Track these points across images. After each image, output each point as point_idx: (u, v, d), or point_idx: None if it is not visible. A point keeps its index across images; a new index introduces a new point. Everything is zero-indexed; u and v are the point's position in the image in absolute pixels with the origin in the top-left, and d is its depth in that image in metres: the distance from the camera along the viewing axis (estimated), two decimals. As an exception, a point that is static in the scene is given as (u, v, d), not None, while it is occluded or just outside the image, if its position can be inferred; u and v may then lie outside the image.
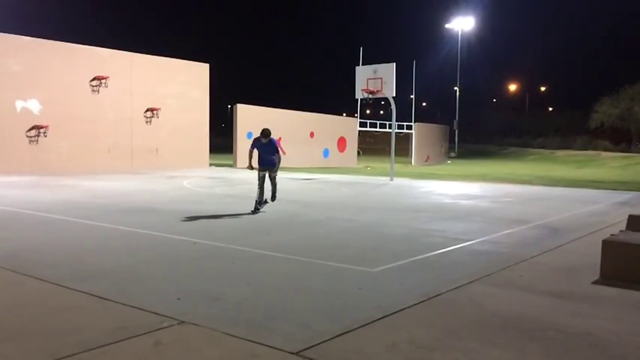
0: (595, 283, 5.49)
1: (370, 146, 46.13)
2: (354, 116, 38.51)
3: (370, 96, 21.76)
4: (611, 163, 40.20)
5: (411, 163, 40.08)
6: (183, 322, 4.03)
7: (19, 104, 22.13)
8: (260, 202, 10.44)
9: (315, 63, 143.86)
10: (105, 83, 24.70)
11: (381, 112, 78.18)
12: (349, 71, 23.49)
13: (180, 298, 4.63)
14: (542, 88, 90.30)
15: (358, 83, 21.95)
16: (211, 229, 8.43)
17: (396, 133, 24.85)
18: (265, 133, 10.60)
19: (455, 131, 58.93)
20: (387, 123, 34.69)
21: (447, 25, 60.64)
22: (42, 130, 22.57)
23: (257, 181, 10.62)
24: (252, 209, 10.31)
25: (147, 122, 26.62)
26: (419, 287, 5.16)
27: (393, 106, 21.75)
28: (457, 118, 60.56)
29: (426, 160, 42.42)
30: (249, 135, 29.47)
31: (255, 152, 10.76)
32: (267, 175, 10.62)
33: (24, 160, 21.83)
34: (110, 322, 3.99)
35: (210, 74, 29.63)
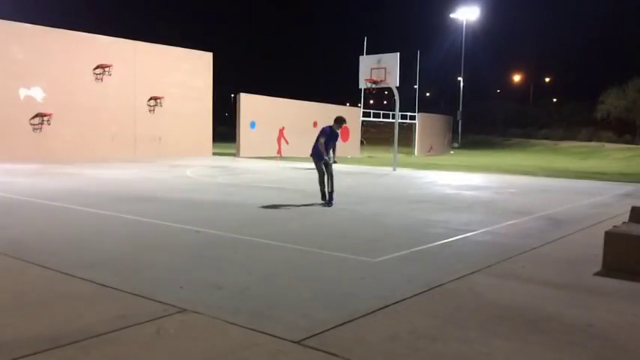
0: (597, 274, 5.48)
1: (373, 136, 46.03)
2: (358, 106, 38.42)
3: (374, 85, 21.68)
4: (614, 155, 40.05)
5: (414, 153, 40.01)
6: (185, 310, 4.04)
7: (23, 92, 22.14)
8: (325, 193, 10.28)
9: (319, 52, 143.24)
10: (108, 71, 24.69)
11: (385, 102, 77.82)
12: (353, 61, 23.39)
13: (182, 287, 4.64)
14: (547, 79, 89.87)
15: (362, 73, 21.87)
16: (214, 218, 8.44)
17: (400, 123, 24.77)
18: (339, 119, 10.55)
19: (458, 122, 58.69)
20: (391, 113, 34.60)
21: (451, 15, 60.21)
22: (45, 118, 22.60)
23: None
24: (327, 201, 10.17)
25: (150, 111, 26.62)
26: (420, 277, 5.16)
27: (397, 96, 21.68)
28: (461, 108, 60.30)
29: (429, 151, 42.32)
30: (253, 124, 29.45)
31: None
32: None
33: (28, 148, 21.88)
34: (112, 310, 4.00)
35: (214, 63, 29.56)
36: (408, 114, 39.90)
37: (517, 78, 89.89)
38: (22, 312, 3.97)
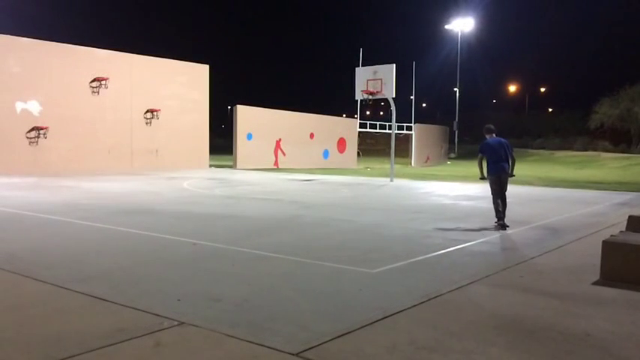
0: (595, 283, 5.49)
1: (370, 147, 46.11)
2: (354, 117, 38.52)
3: (370, 97, 21.75)
4: (611, 164, 40.18)
5: (410, 164, 40.09)
6: (183, 323, 4.03)
7: (19, 105, 22.14)
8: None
9: (316, 64, 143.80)
10: (105, 84, 24.72)
11: (381, 112, 78.16)
12: (349, 72, 23.50)
13: (180, 300, 4.62)
14: (542, 89, 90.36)
15: (358, 84, 21.94)
16: (211, 231, 8.43)
17: (396, 134, 24.85)
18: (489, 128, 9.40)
19: (455, 132, 58.93)
20: (387, 124, 34.70)
21: (446, 26, 60.62)
22: (42, 132, 22.58)
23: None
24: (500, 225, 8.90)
25: (147, 123, 26.63)
26: (419, 288, 5.15)
27: (393, 108, 21.75)
28: (457, 119, 60.54)
29: (426, 161, 42.42)
30: (249, 136, 29.47)
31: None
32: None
33: (24, 161, 21.84)
34: (110, 324, 3.98)
35: (210, 75, 29.62)
36: (405, 125, 40.01)
37: (512, 88, 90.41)
38: (19, 327, 3.94)
